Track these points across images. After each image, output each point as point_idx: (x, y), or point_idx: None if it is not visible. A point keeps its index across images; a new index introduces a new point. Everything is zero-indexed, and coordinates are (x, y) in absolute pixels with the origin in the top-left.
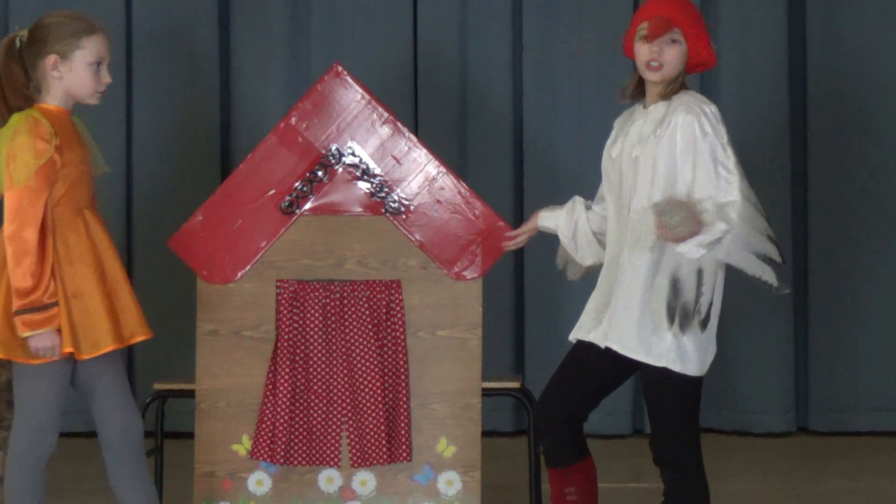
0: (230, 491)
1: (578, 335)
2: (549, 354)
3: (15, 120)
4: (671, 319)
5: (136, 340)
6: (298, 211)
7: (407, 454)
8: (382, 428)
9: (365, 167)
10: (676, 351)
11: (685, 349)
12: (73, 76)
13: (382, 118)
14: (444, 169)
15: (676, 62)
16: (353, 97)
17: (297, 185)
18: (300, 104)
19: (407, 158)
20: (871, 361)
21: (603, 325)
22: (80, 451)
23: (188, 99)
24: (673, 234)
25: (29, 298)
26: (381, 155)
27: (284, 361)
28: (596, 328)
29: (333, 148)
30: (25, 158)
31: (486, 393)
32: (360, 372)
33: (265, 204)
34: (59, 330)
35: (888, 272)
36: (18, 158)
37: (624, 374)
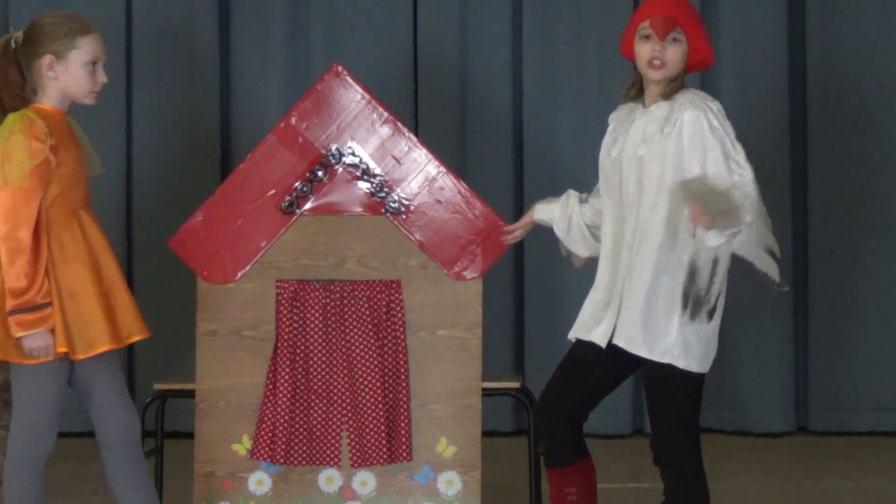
0: (230, 491)
1: (579, 334)
2: (549, 354)
3: (10, 120)
4: (684, 305)
5: (133, 340)
6: (298, 211)
7: (407, 454)
8: (382, 428)
9: (365, 167)
10: (681, 347)
11: (690, 345)
12: (68, 76)
13: (382, 118)
14: (444, 169)
15: (678, 61)
16: (353, 97)
17: (297, 184)
18: (300, 104)
19: (407, 158)
20: (870, 361)
21: (604, 324)
22: (78, 450)
23: (188, 99)
24: (710, 218)
25: (22, 298)
26: (381, 155)
27: (284, 361)
28: (596, 327)
29: (333, 148)
30: (20, 158)
31: (486, 393)
32: (360, 372)
33: (265, 204)
34: (52, 330)
35: (888, 272)
36: (13, 158)
37: (624, 372)
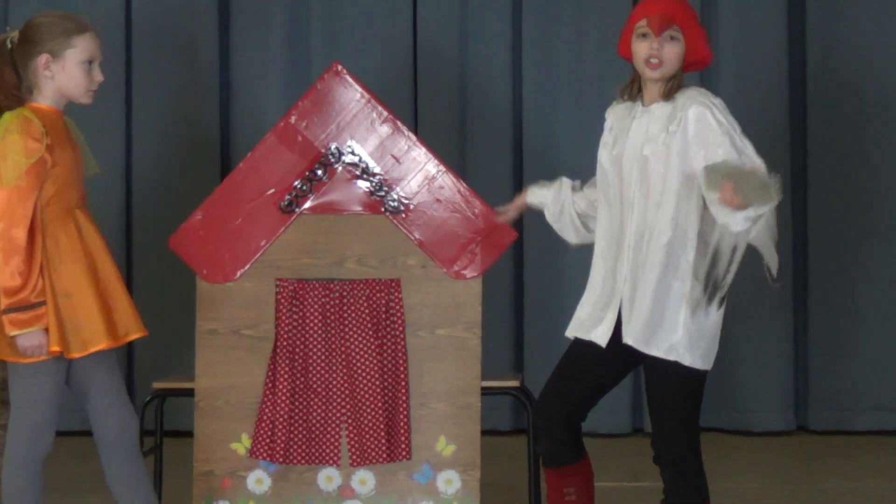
0: (229, 490)
1: (578, 333)
2: (548, 353)
3: (6, 119)
4: (704, 289)
5: (131, 338)
6: (298, 210)
7: (406, 453)
8: (382, 427)
9: (364, 166)
10: (686, 344)
11: (695, 343)
12: (64, 75)
13: (382, 117)
14: (443, 168)
15: (676, 59)
16: (352, 96)
17: (296, 183)
18: (300, 103)
19: (406, 157)
20: (870, 361)
21: (604, 323)
22: (77, 449)
23: (188, 98)
24: (745, 196)
25: (16, 297)
26: (380, 154)
27: (284, 360)
28: (596, 327)
29: (333, 147)
30: (16, 157)
31: (485, 392)
32: (359, 371)
33: (265, 203)
34: (47, 329)
35: (888, 272)
36: (9, 157)
37: (624, 371)
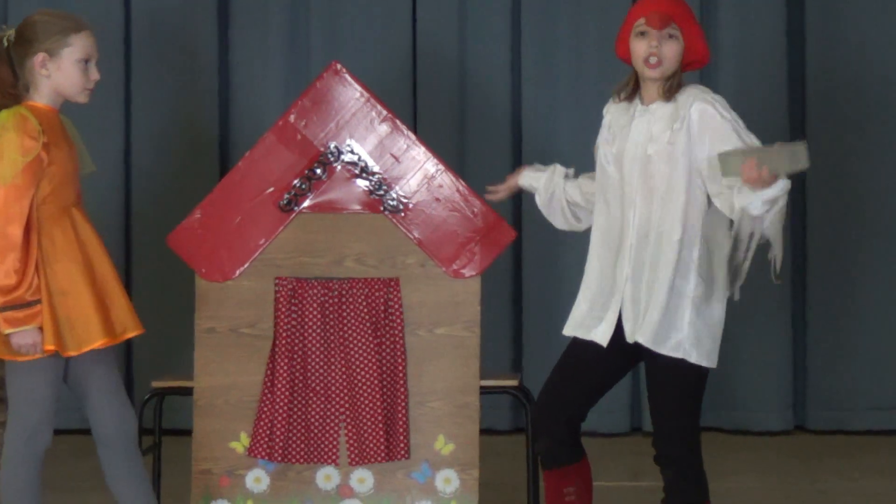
0: (228, 488)
1: (577, 333)
2: (547, 353)
3: (3, 117)
4: (730, 272)
5: (128, 336)
6: (297, 209)
7: (405, 452)
8: (380, 426)
9: (363, 165)
10: (692, 342)
11: (701, 340)
12: (61, 74)
13: (381, 116)
14: (442, 167)
15: (674, 57)
16: (351, 95)
17: (295, 182)
18: (299, 102)
19: (406, 156)
20: (869, 361)
21: (605, 323)
22: (75, 448)
23: (187, 97)
24: (771, 167)
25: (11, 296)
26: (379, 153)
27: (283, 359)
28: (597, 326)
29: (332, 146)
30: (12, 156)
31: (484, 391)
32: (358, 370)
33: (264, 201)
34: (42, 327)
35: (887, 272)
36: (5, 155)
37: (624, 371)
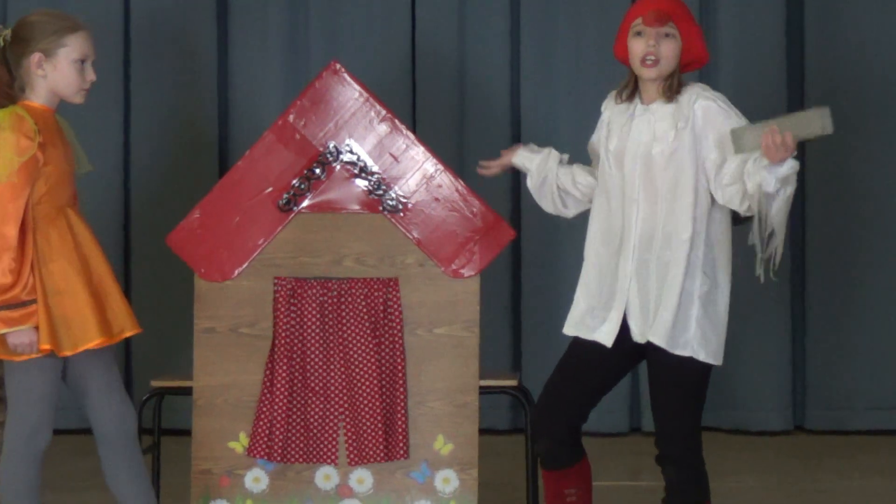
0: (227, 488)
1: (579, 333)
2: (546, 352)
3: None
4: (763, 254)
5: (125, 336)
6: (296, 208)
7: (404, 452)
8: (380, 425)
9: (363, 165)
10: (700, 340)
11: (707, 338)
12: (57, 74)
13: (380, 115)
14: (441, 166)
15: (672, 57)
16: (350, 94)
17: (294, 182)
18: (298, 101)
19: (405, 156)
20: (868, 360)
21: (608, 323)
22: (75, 447)
23: (186, 96)
24: (794, 131)
25: (7, 295)
26: (378, 152)
27: (282, 359)
28: (600, 327)
29: (331, 145)
30: (8, 155)
31: (483, 391)
32: (357, 370)
33: (263, 201)
34: (37, 327)
35: (886, 271)
36: (1, 155)
37: (626, 371)
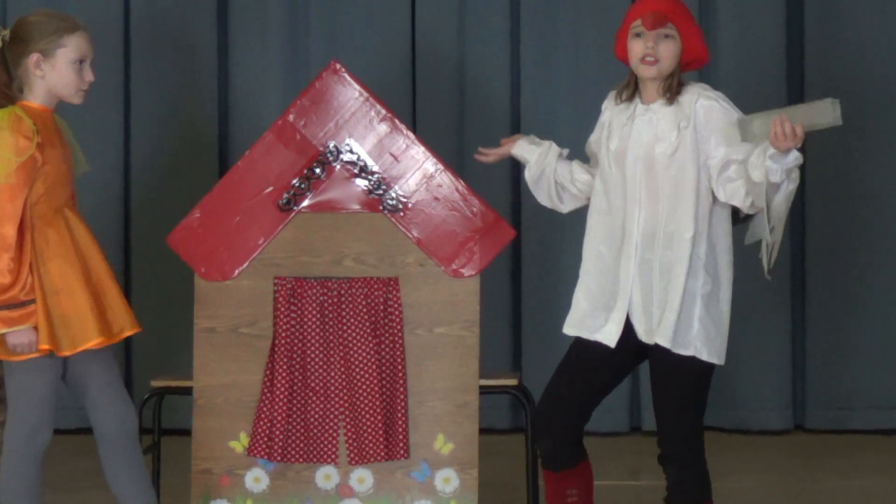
0: (227, 488)
1: (581, 333)
2: (546, 352)
3: None
4: (766, 252)
5: (125, 335)
6: (296, 208)
7: (404, 451)
8: (380, 425)
9: (363, 164)
10: (703, 339)
11: (711, 337)
12: (55, 74)
13: (380, 115)
14: (441, 166)
15: (671, 57)
16: (350, 94)
17: (294, 182)
18: (298, 101)
19: (405, 155)
20: (868, 360)
21: (611, 324)
22: (75, 447)
23: (186, 96)
24: (804, 121)
25: (6, 295)
26: (378, 152)
27: (282, 359)
28: (602, 327)
29: (331, 145)
30: (6, 155)
31: (483, 390)
32: (357, 369)
33: (263, 201)
34: (36, 327)
35: (886, 271)
36: None
37: (628, 371)
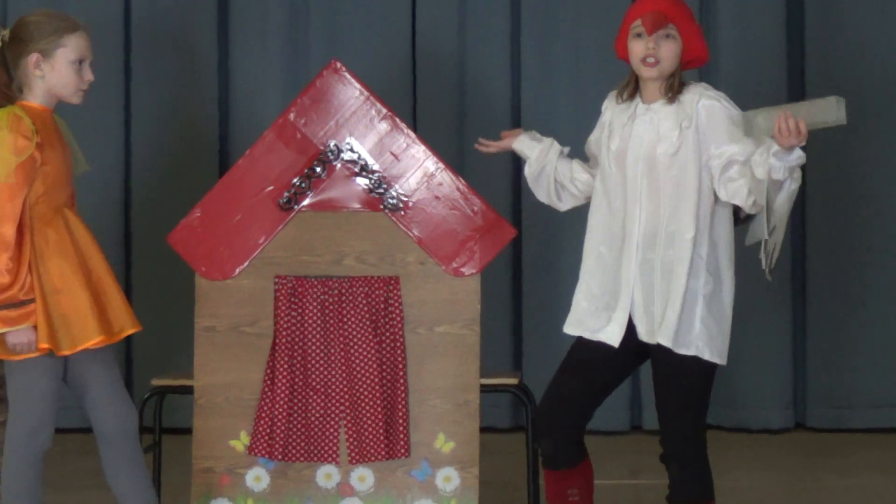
0: (228, 487)
1: (583, 333)
2: (547, 351)
3: None
4: (766, 251)
5: (125, 334)
6: (297, 207)
7: (405, 450)
8: (380, 424)
9: (363, 163)
10: (705, 339)
11: (713, 337)
12: (55, 74)
13: (381, 114)
14: (442, 165)
15: (672, 57)
16: (351, 93)
17: (295, 181)
18: (298, 100)
19: (405, 154)
20: (868, 358)
21: (613, 323)
22: (76, 446)
23: (187, 95)
24: (807, 116)
25: (5, 295)
26: (379, 151)
27: (283, 358)
28: (604, 327)
29: (332, 144)
30: (5, 155)
31: (484, 389)
32: (358, 368)
33: (263, 200)
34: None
35: (886, 271)
36: None
37: (630, 370)
